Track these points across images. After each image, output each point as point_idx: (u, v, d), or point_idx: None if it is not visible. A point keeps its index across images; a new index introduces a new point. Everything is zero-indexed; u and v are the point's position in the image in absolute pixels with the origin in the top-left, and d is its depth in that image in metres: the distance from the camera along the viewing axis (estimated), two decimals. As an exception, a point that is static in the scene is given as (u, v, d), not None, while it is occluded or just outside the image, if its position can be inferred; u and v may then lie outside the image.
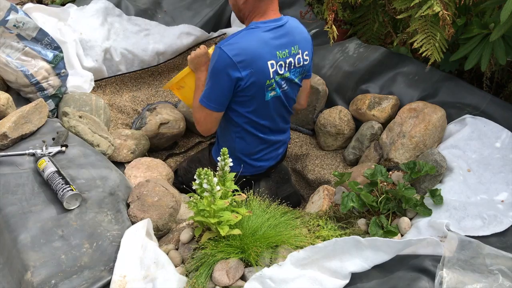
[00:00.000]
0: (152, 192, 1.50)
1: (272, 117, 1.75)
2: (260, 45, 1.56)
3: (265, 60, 1.57)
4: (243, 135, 1.76)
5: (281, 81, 1.66)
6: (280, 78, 1.65)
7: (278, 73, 1.63)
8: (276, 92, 1.67)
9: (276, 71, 1.62)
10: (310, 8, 2.63)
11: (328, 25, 1.99)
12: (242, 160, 1.80)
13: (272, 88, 1.65)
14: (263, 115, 1.71)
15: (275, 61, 1.60)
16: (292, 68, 1.68)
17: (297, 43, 1.68)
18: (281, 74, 1.64)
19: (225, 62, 1.52)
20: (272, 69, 1.60)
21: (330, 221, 1.49)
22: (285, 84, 1.70)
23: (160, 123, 2.29)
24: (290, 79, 1.70)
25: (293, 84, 1.74)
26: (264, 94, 1.64)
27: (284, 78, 1.67)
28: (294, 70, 1.70)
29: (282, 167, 1.99)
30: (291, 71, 1.69)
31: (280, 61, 1.62)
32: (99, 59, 2.41)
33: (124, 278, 1.20)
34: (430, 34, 1.75)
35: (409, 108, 1.84)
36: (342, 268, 1.19)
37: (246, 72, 1.54)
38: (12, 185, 1.49)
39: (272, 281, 1.15)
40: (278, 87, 1.67)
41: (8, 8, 1.82)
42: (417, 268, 1.22)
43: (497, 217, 1.37)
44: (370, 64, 2.13)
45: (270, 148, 1.83)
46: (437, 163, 1.57)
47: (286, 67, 1.65)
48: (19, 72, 1.87)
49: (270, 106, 1.69)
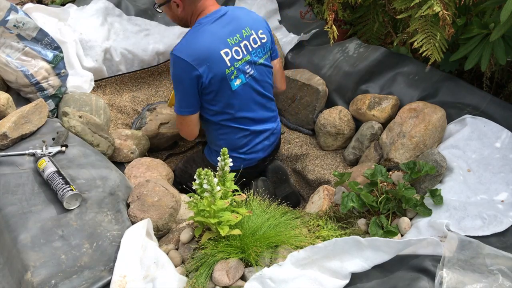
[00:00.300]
0: (152, 192, 1.50)
1: (248, 106, 1.76)
2: (208, 38, 1.61)
3: (217, 51, 1.61)
4: (224, 131, 1.78)
5: (243, 66, 1.68)
6: (241, 64, 1.67)
7: (236, 59, 1.66)
8: (242, 79, 1.69)
9: (233, 58, 1.65)
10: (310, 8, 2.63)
11: (328, 25, 1.99)
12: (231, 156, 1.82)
13: (236, 76, 1.66)
14: (236, 106, 1.72)
15: (228, 49, 1.63)
16: (251, 50, 1.71)
17: (246, 25, 1.71)
18: (240, 59, 1.66)
19: (181, 66, 1.58)
20: (227, 57, 1.63)
21: (330, 221, 1.49)
22: (250, 69, 1.71)
23: (160, 123, 2.29)
24: (253, 61, 1.71)
25: (260, 67, 1.75)
26: (228, 84, 1.66)
27: (246, 62, 1.69)
28: (254, 51, 1.72)
29: (279, 167, 1.99)
30: (251, 54, 1.71)
31: (234, 47, 1.65)
32: (99, 59, 2.41)
33: (124, 278, 1.20)
34: (430, 34, 1.75)
35: (409, 108, 1.84)
36: (342, 268, 1.19)
37: (203, 68, 1.58)
38: (12, 185, 1.49)
39: (272, 281, 1.15)
40: (243, 74, 1.69)
41: (8, 8, 1.82)
42: (417, 268, 1.22)
43: (497, 217, 1.37)
44: (370, 64, 2.13)
45: (257, 139, 1.84)
46: (437, 163, 1.57)
47: (244, 51, 1.68)
48: (19, 72, 1.87)
49: (241, 95, 1.71)
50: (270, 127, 1.88)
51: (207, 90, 1.65)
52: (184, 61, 1.57)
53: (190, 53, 1.57)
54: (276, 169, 1.98)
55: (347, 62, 2.20)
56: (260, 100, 1.80)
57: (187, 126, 1.78)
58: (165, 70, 2.77)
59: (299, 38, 2.44)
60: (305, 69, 2.31)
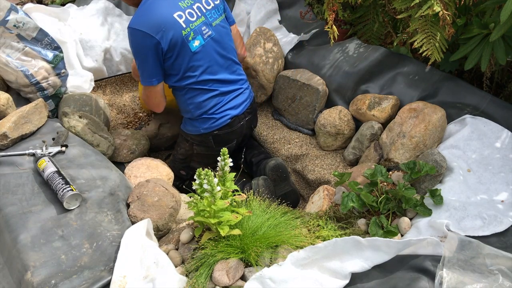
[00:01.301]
0: (152, 192, 1.50)
1: (211, 68, 1.80)
2: (159, 5, 1.66)
3: (170, 15, 1.66)
4: (191, 95, 1.83)
5: (199, 27, 1.73)
6: (196, 25, 1.72)
7: (190, 20, 1.71)
8: (200, 40, 1.73)
9: (187, 19, 1.70)
10: (310, 8, 2.62)
11: (329, 25, 1.99)
12: (203, 118, 1.87)
13: (193, 37, 1.71)
14: (199, 68, 1.76)
15: (181, 11, 1.69)
16: (205, 11, 1.77)
17: None
18: (195, 21, 1.72)
19: (138, 37, 1.63)
20: (181, 19, 1.68)
21: (330, 221, 1.49)
22: (207, 29, 1.76)
23: (160, 123, 2.29)
24: (208, 22, 1.77)
25: (217, 28, 1.81)
26: (187, 46, 1.70)
27: (202, 23, 1.74)
28: (209, 12, 1.78)
29: (280, 165, 2.00)
30: (205, 15, 1.77)
31: (187, 9, 1.71)
32: (99, 59, 2.41)
33: (124, 278, 1.20)
34: (430, 34, 1.74)
35: (409, 108, 1.84)
36: (342, 268, 1.19)
37: (159, 35, 1.63)
38: (12, 185, 1.49)
39: (272, 281, 1.15)
40: (200, 35, 1.73)
41: (8, 8, 1.82)
42: (417, 268, 1.22)
43: (497, 217, 1.37)
44: (370, 64, 2.13)
45: (225, 98, 1.88)
46: (437, 163, 1.57)
47: (198, 12, 1.74)
48: (19, 72, 1.87)
49: (202, 56, 1.75)
50: (238, 87, 1.93)
51: (168, 55, 1.69)
52: (140, 32, 1.62)
53: (144, 23, 1.63)
54: (277, 167, 1.98)
55: (347, 62, 2.20)
56: (223, 62, 1.85)
57: (154, 97, 1.81)
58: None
59: (299, 38, 2.44)
60: (305, 69, 2.31)
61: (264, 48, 2.31)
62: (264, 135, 2.33)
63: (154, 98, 1.83)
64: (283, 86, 2.31)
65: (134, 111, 2.56)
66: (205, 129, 1.89)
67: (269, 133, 2.33)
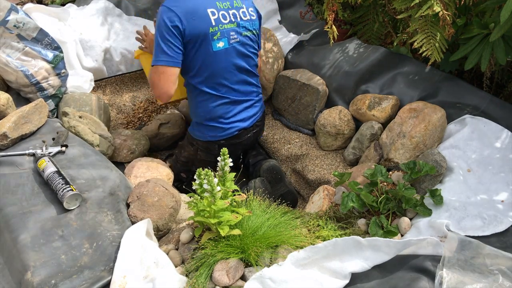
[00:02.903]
0: (152, 192, 1.50)
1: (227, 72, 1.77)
2: None
3: (204, 7, 1.66)
4: (202, 98, 1.80)
5: (228, 31, 1.71)
6: (226, 28, 1.70)
7: (222, 21, 1.69)
8: (225, 43, 1.71)
9: (219, 19, 1.69)
10: (310, 8, 2.63)
11: (328, 25, 1.99)
12: (211, 126, 1.84)
13: (218, 38, 1.69)
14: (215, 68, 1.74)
15: (215, 9, 1.68)
16: (239, 20, 1.75)
17: None
18: (226, 24, 1.70)
19: (168, 15, 1.61)
20: (213, 16, 1.67)
21: (330, 221, 1.49)
22: (236, 35, 1.74)
23: (160, 123, 2.29)
24: (239, 31, 1.75)
25: (246, 39, 1.79)
26: (210, 43, 1.68)
27: (232, 29, 1.72)
28: (242, 22, 1.77)
29: (273, 166, 1.99)
30: (239, 23, 1.75)
31: (222, 11, 1.70)
32: (99, 59, 2.41)
33: (124, 278, 1.20)
34: (430, 34, 1.74)
35: (409, 108, 1.84)
36: (342, 268, 1.19)
37: (187, 21, 1.62)
38: (12, 185, 1.49)
39: (272, 281, 1.15)
40: (226, 38, 1.71)
41: (8, 8, 1.82)
42: (417, 268, 1.22)
43: (497, 217, 1.37)
44: (370, 64, 2.13)
45: (237, 108, 1.86)
46: (437, 163, 1.57)
47: (232, 18, 1.73)
48: (19, 72, 1.87)
49: (221, 58, 1.73)
50: (251, 98, 1.91)
51: (189, 46, 1.68)
52: (171, 11, 1.61)
53: (178, 5, 1.63)
54: (271, 168, 1.98)
55: (347, 62, 2.20)
56: (241, 72, 1.82)
57: (164, 80, 1.68)
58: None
59: (299, 38, 2.44)
60: (305, 69, 2.31)
61: (264, 48, 2.31)
62: (264, 135, 2.33)
63: (164, 82, 1.69)
64: (283, 86, 2.31)
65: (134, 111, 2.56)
66: (212, 137, 1.87)
67: (269, 133, 2.33)
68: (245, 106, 1.89)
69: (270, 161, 2.01)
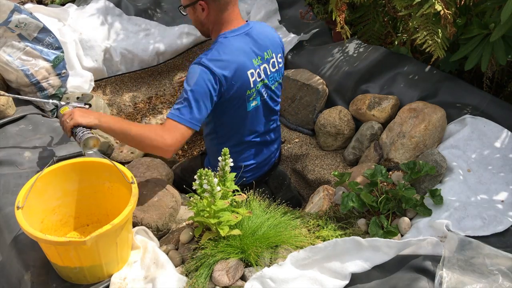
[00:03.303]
0: (152, 192, 1.50)
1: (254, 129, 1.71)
2: (239, 54, 1.52)
3: (245, 70, 1.53)
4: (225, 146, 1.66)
5: (260, 89, 1.63)
6: (259, 87, 1.62)
7: (257, 81, 1.59)
8: (257, 101, 1.64)
9: (256, 80, 1.58)
10: (310, 8, 2.63)
11: (340, 25, 1.98)
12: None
13: (253, 98, 1.61)
14: (247, 128, 1.67)
15: (253, 70, 1.56)
16: (269, 74, 1.65)
17: (269, 47, 1.64)
18: (259, 82, 1.61)
19: (208, 77, 1.45)
20: (252, 78, 1.56)
21: (330, 221, 1.48)
22: (266, 92, 1.66)
23: (160, 123, 2.29)
24: (268, 86, 1.66)
25: (271, 92, 1.70)
26: (245, 104, 1.60)
27: (264, 85, 1.64)
28: (272, 75, 1.66)
29: (280, 172, 1.97)
30: (268, 78, 1.65)
31: (257, 68, 1.58)
32: (99, 59, 2.41)
33: (124, 280, 1.21)
34: (432, 31, 1.74)
35: (409, 108, 1.84)
36: (342, 268, 1.19)
37: (229, 87, 1.49)
38: (12, 185, 1.49)
39: (272, 281, 1.15)
40: (259, 96, 1.64)
41: (11, 9, 1.82)
42: (417, 268, 1.22)
43: (497, 217, 1.37)
44: (370, 64, 2.13)
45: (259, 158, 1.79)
46: (437, 163, 1.57)
47: (263, 74, 1.62)
48: (19, 72, 1.87)
49: (253, 116, 1.66)
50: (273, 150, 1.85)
51: (225, 105, 1.56)
52: (212, 73, 1.45)
53: (221, 66, 1.47)
54: (277, 174, 1.96)
55: (347, 62, 2.20)
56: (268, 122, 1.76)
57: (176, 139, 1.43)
58: (165, 70, 2.77)
59: (299, 38, 2.44)
60: (305, 69, 2.31)
61: (264, 48, 2.31)
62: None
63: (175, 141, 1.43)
64: (283, 86, 2.32)
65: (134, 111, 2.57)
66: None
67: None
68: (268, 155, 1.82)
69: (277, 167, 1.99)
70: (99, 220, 1.41)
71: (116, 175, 1.27)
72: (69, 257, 1.11)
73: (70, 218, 1.37)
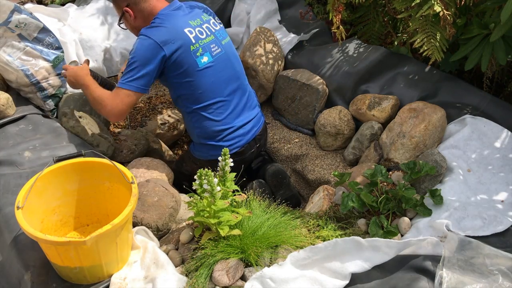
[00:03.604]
0: (152, 192, 1.50)
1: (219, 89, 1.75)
2: (172, 20, 1.67)
3: (181, 29, 1.67)
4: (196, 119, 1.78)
5: (208, 45, 1.72)
6: (206, 43, 1.71)
7: (200, 37, 1.70)
8: (208, 57, 1.71)
9: (197, 36, 1.70)
10: (310, 8, 2.62)
11: (335, 26, 1.98)
12: (211, 145, 1.81)
13: (201, 54, 1.69)
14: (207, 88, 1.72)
15: (191, 28, 1.69)
16: (214, 31, 1.78)
17: (203, 12, 1.82)
18: (205, 38, 1.72)
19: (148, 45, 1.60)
20: (191, 34, 1.68)
21: (330, 221, 1.49)
22: (217, 47, 1.75)
23: (160, 123, 2.29)
24: (218, 41, 1.77)
25: (226, 47, 1.80)
26: (194, 61, 1.68)
27: (212, 41, 1.74)
28: (217, 32, 1.79)
29: (279, 170, 1.97)
30: (215, 34, 1.77)
31: (197, 27, 1.72)
32: (99, 59, 2.41)
33: (124, 280, 1.21)
34: (431, 34, 1.74)
35: (409, 108, 1.84)
36: (342, 268, 1.19)
37: (168, 47, 1.61)
38: (12, 185, 1.49)
39: (272, 281, 1.15)
40: (209, 52, 1.72)
41: (11, 9, 1.82)
42: (417, 268, 1.22)
43: (497, 217, 1.37)
44: (370, 64, 2.13)
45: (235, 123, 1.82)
46: (437, 163, 1.57)
47: (207, 31, 1.74)
48: (19, 72, 1.87)
49: (211, 73, 1.72)
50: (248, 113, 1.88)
51: (174, 69, 1.67)
52: (152, 41, 1.60)
53: (155, 33, 1.61)
54: (276, 172, 1.95)
55: (347, 62, 2.20)
56: (232, 83, 1.80)
57: (121, 102, 1.63)
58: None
59: (299, 38, 2.44)
60: (305, 69, 2.31)
61: (264, 48, 2.31)
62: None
63: (121, 104, 1.63)
64: (283, 86, 2.31)
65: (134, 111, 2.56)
66: (214, 156, 1.76)
67: (269, 133, 2.33)
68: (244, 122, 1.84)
69: (276, 165, 1.98)
70: (99, 220, 1.41)
71: (116, 175, 1.27)
72: (69, 257, 1.11)
73: (70, 218, 1.37)
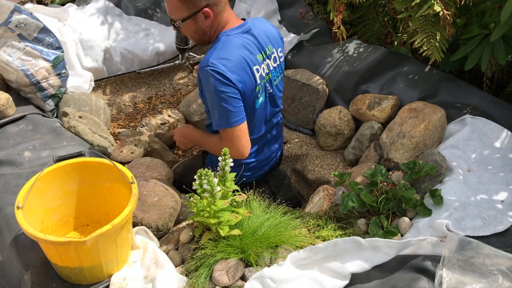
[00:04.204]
0: (152, 192, 1.50)
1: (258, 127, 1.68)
2: (242, 52, 1.49)
3: (251, 67, 1.51)
4: None
5: (265, 85, 1.62)
6: (264, 83, 1.60)
7: (263, 76, 1.58)
8: (263, 97, 1.62)
9: (261, 75, 1.57)
10: (310, 8, 2.63)
11: (336, 26, 1.98)
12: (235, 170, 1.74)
13: (260, 95, 1.59)
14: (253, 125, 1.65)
15: (258, 66, 1.54)
16: (271, 69, 1.63)
17: (269, 42, 1.63)
18: (264, 78, 1.59)
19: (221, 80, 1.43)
20: (257, 73, 1.54)
21: (330, 221, 1.49)
22: (270, 87, 1.65)
23: (160, 123, 2.29)
24: (272, 81, 1.65)
25: (275, 87, 1.69)
26: (254, 101, 1.57)
27: (268, 80, 1.63)
28: (274, 71, 1.65)
29: (280, 171, 1.97)
30: (272, 73, 1.64)
31: (262, 64, 1.57)
32: (99, 59, 2.41)
33: (124, 280, 1.21)
34: (430, 34, 1.74)
35: (409, 108, 1.84)
36: (342, 268, 1.19)
37: (240, 84, 1.48)
38: (12, 185, 1.49)
39: (272, 281, 1.15)
40: (264, 92, 1.62)
41: (11, 9, 1.82)
42: (417, 268, 1.22)
43: (497, 217, 1.37)
44: (370, 64, 2.13)
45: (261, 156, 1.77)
46: (437, 163, 1.57)
47: (266, 69, 1.60)
48: (19, 72, 1.87)
49: (257, 114, 1.64)
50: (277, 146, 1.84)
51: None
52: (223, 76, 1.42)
53: (229, 66, 1.44)
54: (277, 174, 1.96)
55: (347, 62, 2.20)
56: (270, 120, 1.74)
57: (241, 138, 1.51)
58: (165, 70, 2.77)
59: (299, 38, 2.44)
60: (305, 69, 2.31)
61: (264, 48, 2.31)
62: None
63: (242, 139, 1.51)
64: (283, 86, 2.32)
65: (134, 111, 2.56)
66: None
67: (269, 133, 2.33)
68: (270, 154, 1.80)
69: None
70: (99, 220, 1.41)
71: (116, 175, 1.27)
72: (69, 257, 1.11)
73: (70, 218, 1.37)
